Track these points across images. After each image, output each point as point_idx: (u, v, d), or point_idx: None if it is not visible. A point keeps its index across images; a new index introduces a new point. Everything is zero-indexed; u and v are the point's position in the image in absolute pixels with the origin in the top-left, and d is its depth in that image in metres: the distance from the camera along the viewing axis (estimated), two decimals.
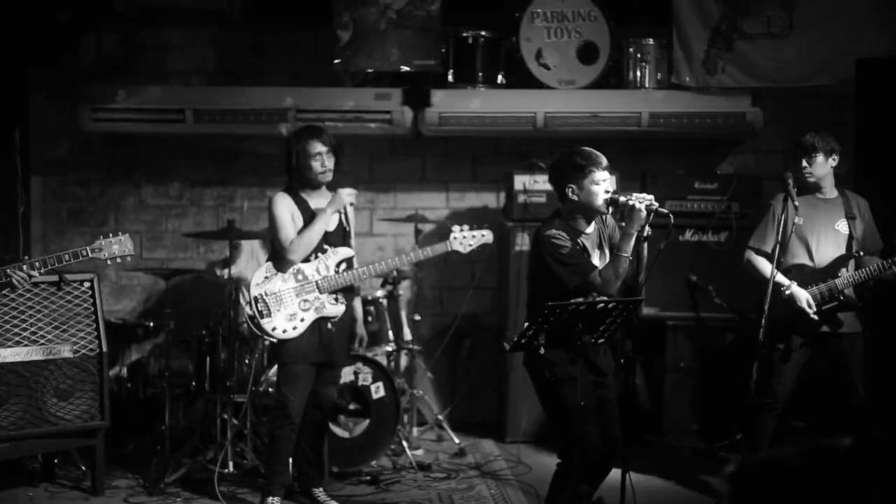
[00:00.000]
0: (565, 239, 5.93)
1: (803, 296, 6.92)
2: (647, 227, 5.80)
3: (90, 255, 6.14)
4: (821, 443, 2.74)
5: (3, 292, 6.34)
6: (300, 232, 7.04)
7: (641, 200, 5.78)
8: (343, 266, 7.15)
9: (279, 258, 7.07)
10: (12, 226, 8.84)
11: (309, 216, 7.07)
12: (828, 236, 7.07)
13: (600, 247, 6.16)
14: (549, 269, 5.95)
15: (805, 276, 6.98)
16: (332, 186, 7.21)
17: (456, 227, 7.23)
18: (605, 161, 6.00)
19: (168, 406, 8.15)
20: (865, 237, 7.10)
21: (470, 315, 9.65)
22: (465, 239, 7.22)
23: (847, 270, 6.97)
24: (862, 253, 7.04)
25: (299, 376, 7.07)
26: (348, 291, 7.25)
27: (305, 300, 7.01)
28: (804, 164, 7.12)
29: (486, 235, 7.28)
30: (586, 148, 6.06)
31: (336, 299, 7.11)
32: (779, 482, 2.67)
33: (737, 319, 8.54)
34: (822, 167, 7.11)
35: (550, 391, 6.04)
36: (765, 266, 6.98)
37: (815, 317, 6.91)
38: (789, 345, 6.98)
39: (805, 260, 7.06)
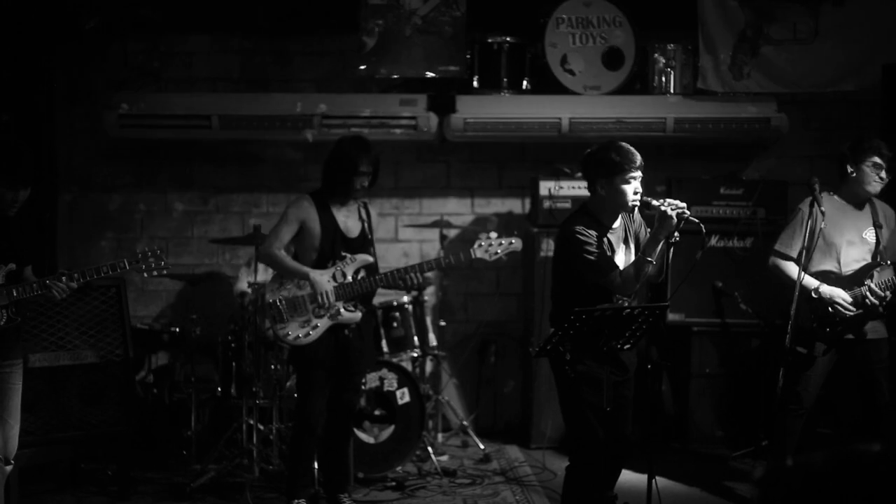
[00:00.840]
0: (590, 235, 5.92)
1: (836, 292, 6.84)
2: (676, 234, 5.78)
3: (128, 268, 6.12)
4: (850, 448, 2.73)
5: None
6: (281, 258, 7.10)
7: (674, 207, 5.74)
8: (362, 273, 7.16)
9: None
10: (40, 233, 8.87)
11: (329, 226, 7.08)
12: (855, 244, 7.02)
13: (626, 242, 6.15)
14: (571, 265, 5.96)
15: (830, 283, 6.92)
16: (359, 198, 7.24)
17: (483, 235, 7.09)
18: (639, 160, 5.95)
19: (194, 411, 8.18)
20: (889, 246, 7.06)
21: (495, 321, 9.66)
22: (492, 247, 7.02)
23: (873, 279, 6.91)
24: (890, 262, 7.00)
25: (316, 382, 7.08)
26: (366, 300, 7.25)
27: (320, 307, 7.02)
28: (882, 175, 6.95)
29: (514, 243, 7.05)
30: (624, 144, 6.03)
31: (353, 306, 7.11)
32: (808, 487, 2.65)
33: (762, 325, 8.54)
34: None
35: (567, 387, 6.02)
36: (792, 270, 6.90)
37: (853, 311, 6.85)
38: (812, 351, 6.93)
39: (831, 267, 6.98)
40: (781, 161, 9.67)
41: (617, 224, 6.12)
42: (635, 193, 5.95)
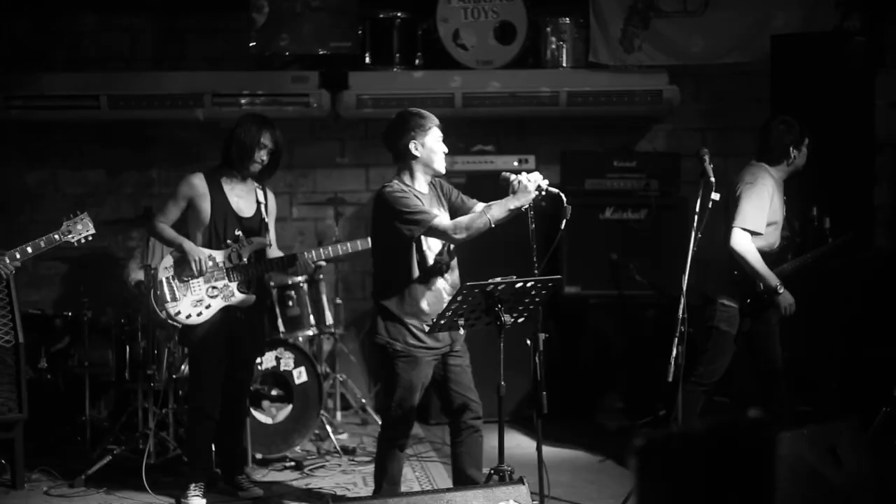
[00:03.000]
0: (406, 191, 6.01)
1: (790, 300, 6.90)
2: (568, 210, 5.80)
3: (61, 239, 6.12)
4: (729, 416, 2.75)
5: None
6: (161, 229, 7.01)
7: (530, 180, 5.81)
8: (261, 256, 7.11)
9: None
10: None
11: (220, 204, 7.00)
12: (782, 221, 7.09)
13: (440, 206, 6.20)
14: (392, 224, 5.98)
15: (770, 261, 6.98)
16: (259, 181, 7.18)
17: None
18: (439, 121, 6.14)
19: (88, 396, 8.07)
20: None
21: None
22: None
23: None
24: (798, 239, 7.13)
25: (209, 365, 7.01)
26: (260, 283, 7.19)
27: (214, 287, 6.95)
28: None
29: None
30: (410, 108, 6.17)
31: (246, 288, 7.05)
32: (685, 455, 2.68)
33: (657, 296, 8.61)
34: None
35: (389, 363, 6.12)
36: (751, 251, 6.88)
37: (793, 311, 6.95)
38: (740, 328, 7.01)
39: (763, 243, 6.97)
40: (674, 133, 9.77)
41: (426, 190, 6.16)
42: (444, 152, 6.14)
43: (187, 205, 7.00)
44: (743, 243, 6.84)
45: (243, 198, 7.11)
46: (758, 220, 6.86)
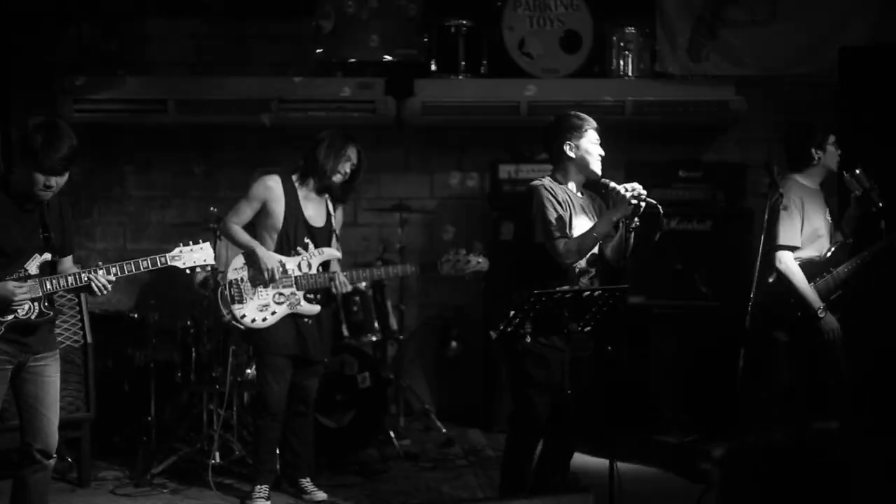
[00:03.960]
0: (555, 195, 6.00)
1: (834, 325, 6.86)
2: (636, 219, 5.80)
3: (168, 263, 5.89)
4: (810, 426, 2.75)
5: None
6: (235, 231, 7.11)
7: (630, 190, 5.77)
8: (335, 268, 7.18)
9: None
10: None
11: (293, 210, 7.06)
12: (825, 227, 7.06)
13: (587, 216, 6.17)
14: (528, 219, 6.00)
15: (815, 269, 6.94)
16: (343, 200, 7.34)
17: (452, 251, 7.19)
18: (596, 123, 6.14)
19: (154, 398, 8.13)
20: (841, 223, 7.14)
21: (456, 305, 9.64)
22: (459, 263, 7.15)
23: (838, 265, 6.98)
24: (850, 240, 7.06)
25: (277, 368, 7.07)
26: (327, 293, 7.23)
27: (281, 294, 7.00)
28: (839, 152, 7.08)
29: (481, 263, 7.20)
30: (567, 112, 6.16)
31: (312, 298, 7.09)
32: (768, 465, 2.67)
33: (722, 308, 8.55)
34: None
35: (515, 361, 6.09)
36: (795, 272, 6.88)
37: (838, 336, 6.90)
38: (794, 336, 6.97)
39: (815, 253, 6.99)
40: (740, 144, 9.69)
41: (578, 192, 6.15)
42: (600, 155, 6.13)
43: (261, 206, 7.05)
44: (786, 262, 6.84)
45: (315, 207, 7.16)
46: (790, 234, 6.86)
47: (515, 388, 6.16)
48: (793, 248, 6.89)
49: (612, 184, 5.90)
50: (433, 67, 9.30)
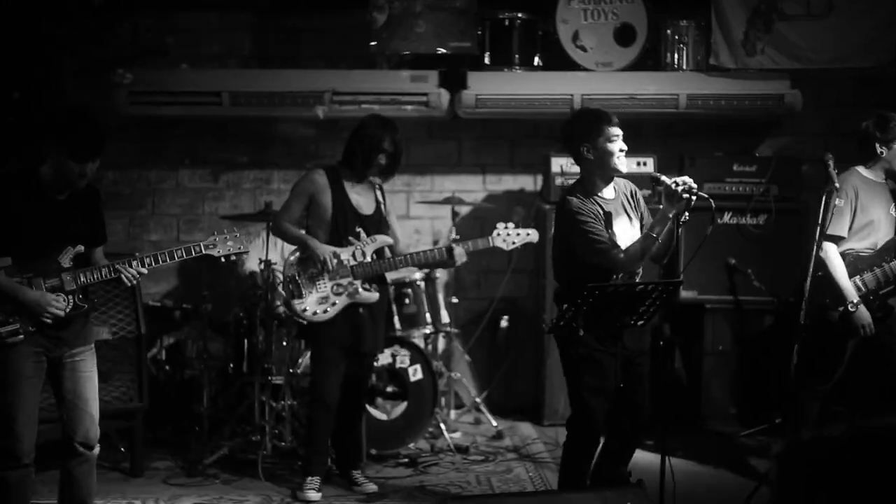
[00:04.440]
0: (588, 212, 5.95)
1: (866, 320, 6.83)
2: (685, 213, 5.76)
3: (203, 252, 5.96)
4: (869, 422, 2.71)
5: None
6: (286, 228, 7.14)
7: (682, 184, 5.72)
8: (381, 253, 7.19)
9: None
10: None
11: (341, 201, 7.08)
12: (885, 220, 7.01)
13: (626, 214, 6.13)
14: (571, 241, 5.96)
15: (863, 263, 6.89)
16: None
17: (500, 224, 7.21)
18: (615, 117, 6.02)
19: (206, 388, 8.18)
20: None
21: (507, 298, 9.63)
22: (510, 236, 7.20)
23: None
24: None
25: (331, 360, 7.11)
26: (381, 281, 7.25)
27: (339, 284, 7.02)
28: None
29: (530, 234, 7.27)
30: (587, 108, 6.07)
31: (370, 286, 7.11)
32: (828, 461, 2.64)
33: (775, 302, 8.51)
34: None
35: (570, 367, 6.10)
36: (836, 264, 6.85)
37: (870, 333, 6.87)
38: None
39: (867, 245, 6.95)
40: (795, 138, 9.62)
41: (612, 195, 6.10)
42: (621, 151, 5.97)
43: (309, 201, 7.08)
44: (827, 252, 6.79)
45: (363, 195, 7.19)
46: (836, 225, 6.80)
47: (572, 392, 6.16)
48: (837, 239, 6.86)
49: (664, 178, 5.85)
50: (487, 60, 9.28)
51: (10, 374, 5.52)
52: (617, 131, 6.00)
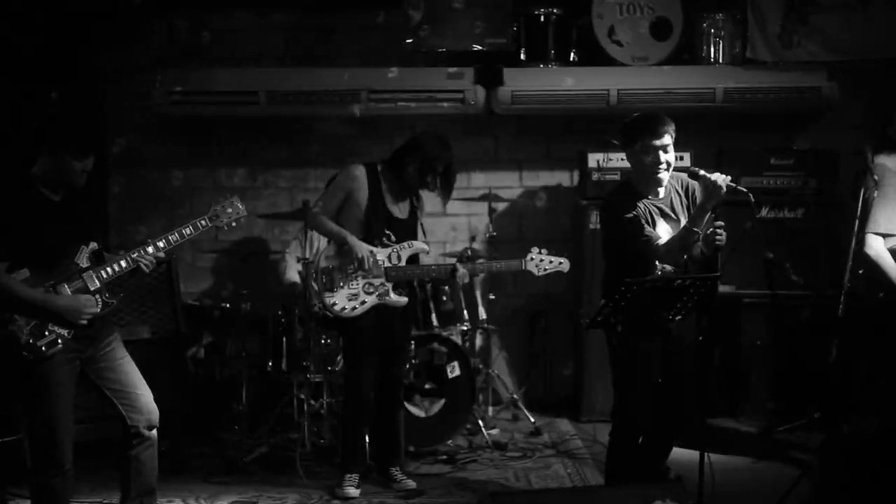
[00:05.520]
0: (627, 208, 5.96)
1: None
2: (756, 209, 5.75)
3: (210, 224, 5.99)
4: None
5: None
6: (323, 221, 7.12)
7: (720, 178, 5.72)
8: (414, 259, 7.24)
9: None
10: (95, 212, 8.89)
11: (376, 201, 7.10)
12: None
13: (672, 213, 6.10)
14: (612, 237, 5.96)
15: None
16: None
17: (535, 249, 7.20)
18: (664, 127, 5.98)
19: (245, 386, 8.21)
20: None
21: (544, 294, 9.62)
22: (542, 262, 7.19)
23: None
24: None
25: (364, 356, 7.13)
26: (410, 285, 7.29)
27: (371, 283, 7.04)
28: None
29: (563, 264, 7.25)
30: (652, 112, 6.05)
31: (401, 291, 7.13)
32: (866, 453, 2.64)
33: (813, 297, 8.46)
34: None
35: (614, 359, 6.14)
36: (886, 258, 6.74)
37: None
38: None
39: None
40: (832, 131, 9.54)
41: (662, 194, 6.09)
42: (661, 161, 5.94)
43: (346, 196, 7.09)
44: (876, 248, 6.71)
45: (399, 199, 7.20)
46: (881, 220, 6.73)
47: (616, 385, 6.19)
48: (885, 235, 6.77)
49: (702, 171, 5.84)
50: (522, 56, 9.28)
51: (50, 385, 5.56)
52: (661, 143, 5.96)
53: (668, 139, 5.99)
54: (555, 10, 9.18)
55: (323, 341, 8.16)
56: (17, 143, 6.21)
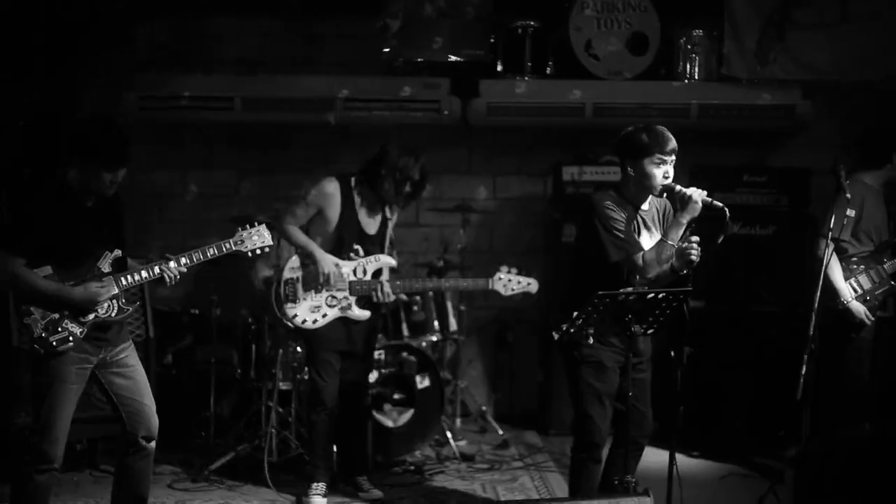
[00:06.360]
0: (617, 212, 5.90)
1: (861, 311, 6.92)
2: (730, 226, 5.73)
3: (234, 248, 6.02)
4: (881, 426, 2.70)
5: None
6: (292, 232, 7.12)
7: (695, 192, 5.73)
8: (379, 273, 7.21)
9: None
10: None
11: (349, 215, 7.10)
12: (883, 225, 7.12)
13: (654, 226, 6.10)
14: (595, 238, 5.92)
15: (861, 263, 6.95)
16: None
17: (504, 268, 7.25)
18: (671, 145, 5.95)
19: (213, 393, 8.16)
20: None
21: (515, 307, 9.56)
22: (510, 283, 7.26)
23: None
24: None
25: (329, 363, 7.12)
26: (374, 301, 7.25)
27: (334, 297, 7.04)
28: None
29: (531, 285, 7.31)
30: (659, 128, 6.01)
31: (364, 304, 7.11)
32: (849, 461, 2.63)
33: (784, 313, 8.47)
34: None
35: (573, 370, 6.06)
36: (833, 266, 6.90)
37: (870, 322, 6.95)
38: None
39: (865, 248, 7.07)
40: (806, 149, 9.55)
41: (647, 207, 6.08)
42: (664, 177, 5.92)
43: (316, 212, 7.07)
44: (823, 251, 6.79)
45: (371, 214, 7.19)
46: (835, 226, 6.80)
47: (574, 397, 6.12)
48: (836, 241, 6.90)
49: (678, 186, 5.84)
50: (499, 68, 9.29)
51: (56, 379, 5.59)
52: (666, 158, 5.95)
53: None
54: (532, 23, 9.19)
55: (291, 349, 8.12)
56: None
